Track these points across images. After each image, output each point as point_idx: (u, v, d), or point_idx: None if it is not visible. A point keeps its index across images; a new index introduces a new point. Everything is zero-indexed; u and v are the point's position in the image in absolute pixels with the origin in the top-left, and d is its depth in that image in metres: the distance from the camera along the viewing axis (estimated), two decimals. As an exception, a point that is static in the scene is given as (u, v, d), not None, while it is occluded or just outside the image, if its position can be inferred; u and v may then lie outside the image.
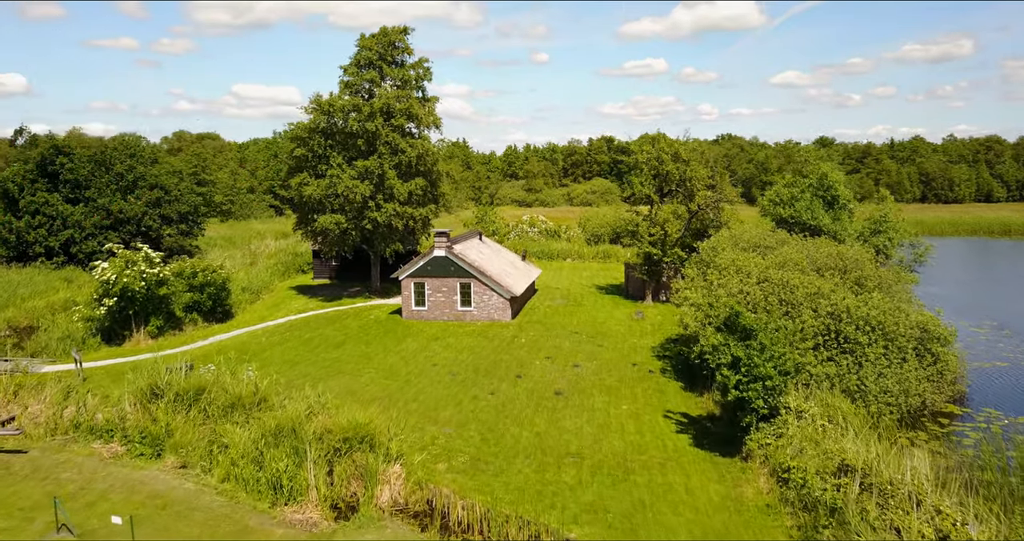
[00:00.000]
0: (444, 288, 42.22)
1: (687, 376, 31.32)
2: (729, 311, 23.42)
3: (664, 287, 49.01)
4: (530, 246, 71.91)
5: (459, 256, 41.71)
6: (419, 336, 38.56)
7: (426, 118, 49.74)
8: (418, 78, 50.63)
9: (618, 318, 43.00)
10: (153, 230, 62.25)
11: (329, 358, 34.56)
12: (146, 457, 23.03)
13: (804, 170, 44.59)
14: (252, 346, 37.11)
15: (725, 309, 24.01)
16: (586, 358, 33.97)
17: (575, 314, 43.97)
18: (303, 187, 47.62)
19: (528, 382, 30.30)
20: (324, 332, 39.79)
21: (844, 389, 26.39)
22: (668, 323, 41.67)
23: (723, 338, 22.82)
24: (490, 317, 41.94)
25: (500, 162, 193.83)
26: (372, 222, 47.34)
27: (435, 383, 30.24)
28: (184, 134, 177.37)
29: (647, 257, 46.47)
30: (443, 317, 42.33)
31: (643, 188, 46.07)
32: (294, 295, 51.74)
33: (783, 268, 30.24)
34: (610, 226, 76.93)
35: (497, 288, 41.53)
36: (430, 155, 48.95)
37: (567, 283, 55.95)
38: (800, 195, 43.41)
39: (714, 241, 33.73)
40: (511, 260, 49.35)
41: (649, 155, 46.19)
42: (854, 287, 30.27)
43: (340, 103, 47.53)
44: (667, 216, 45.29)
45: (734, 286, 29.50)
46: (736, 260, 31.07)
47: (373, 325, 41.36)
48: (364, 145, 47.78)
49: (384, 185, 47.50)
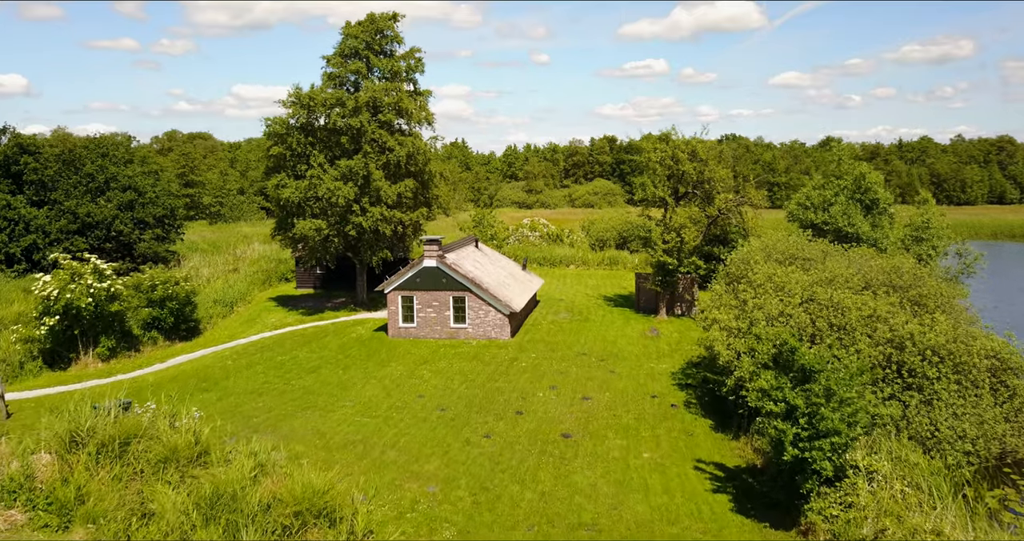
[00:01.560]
0: (435, 303, 37.64)
1: (716, 410, 26.74)
2: (780, 344, 18.81)
3: (679, 299, 44.45)
4: (531, 252, 67.33)
5: (452, 266, 37.14)
6: (405, 359, 33.95)
7: (417, 113, 45.21)
8: (409, 70, 46.11)
9: (630, 336, 38.40)
10: (125, 235, 57.65)
11: (300, 387, 29.96)
12: (51, 529, 18.42)
13: (838, 170, 40.17)
14: (215, 371, 32.51)
15: (769, 343, 19.39)
16: (597, 388, 29.37)
17: (582, 331, 39.38)
18: (280, 189, 43.05)
19: (530, 420, 25.69)
20: (299, 354, 35.18)
21: (913, 434, 21.83)
22: (686, 341, 37.10)
23: (774, 379, 18.22)
24: (487, 335, 37.35)
25: (500, 163, 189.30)
26: (356, 228, 42.78)
27: (420, 422, 25.63)
28: (175, 134, 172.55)
29: (661, 266, 41.91)
30: (434, 335, 37.73)
31: (657, 190, 41.52)
32: (273, 307, 47.15)
33: (831, 285, 25.67)
34: (616, 230, 72.35)
35: (494, 303, 36.95)
36: (421, 154, 44.40)
37: (571, 293, 51.37)
38: (834, 198, 38.86)
39: (745, 252, 29.19)
40: (510, 270, 44.77)
41: (663, 154, 41.63)
42: (913, 307, 25.69)
43: (322, 96, 42.97)
44: (683, 221, 40.74)
45: (773, 307, 24.93)
46: (774, 275, 26.51)
47: (355, 345, 36.75)
48: (348, 143, 43.24)
49: (370, 187, 42.94)
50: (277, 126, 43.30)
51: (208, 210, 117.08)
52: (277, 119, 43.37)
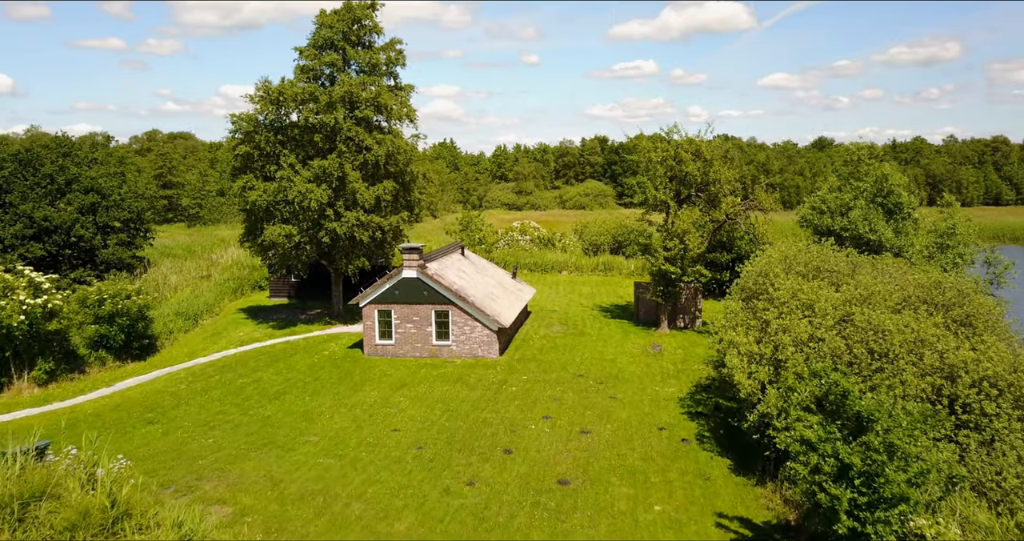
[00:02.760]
0: (415, 317, 34.08)
1: (734, 446, 23.35)
2: (827, 382, 15.40)
3: (682, 311, 41.08)
4: (521, 257, 63.84)
5: (434, 277, 33.60)
6: (381, 382, 30.38)
7: (398, 110, 41.62)
8: (389, 62, 42.53)
9: (630, 352, 34.98)
10: (86, 240, 53.75)
11: (259, 418, 26.34)
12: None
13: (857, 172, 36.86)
14: (165, 397, 28.84)
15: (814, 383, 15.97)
16: (597, 418, 25.90)
17: (577, 347, 35.92)
18: (247, 192, 39.38)
19: (521, 461, 22.19)
20: (263, 376, 31.54)
21: (975, 483, 18.48)
22: (692, 359, 33.75)
23: (821, 430, 14.80)
24: (472, 353, 33.84)
25: (489, 163, 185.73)
26: (330, 234, 39.17)
27: (393, 463, 22.08)
28: (155, 133, 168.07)
29: (662, 276, 38.52)
30: (414, 353, 34.18)
31: (658, 192, 38.11)
32: (241, 319, 43.45)
33: (867, 304, 22.31)
34: (610, 234, 68.96)
35: (481, 317, 33.44)
36: (402, 153, 40.81)
37: (565, 303, 47.91)
38: (853, 202, 35.54)
39: (763, 263, 25.80)
40: (499, 279, 41.26)
41: (665, 153, 38.23)
42: (959, 329, 22.38)
43: (292, 91, 39.31)
44: (687, 227, 37.34)
45: (802, 329, 21.54)
46: (800, 292, 23.12)
47: (326, 365, 33.15)
48: (322, 142, 39.61)
49: (346, 189, 39.34)
50: (244, 123, 39.64)
51: (187, 212, 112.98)
52: (244, 115, 39.70)
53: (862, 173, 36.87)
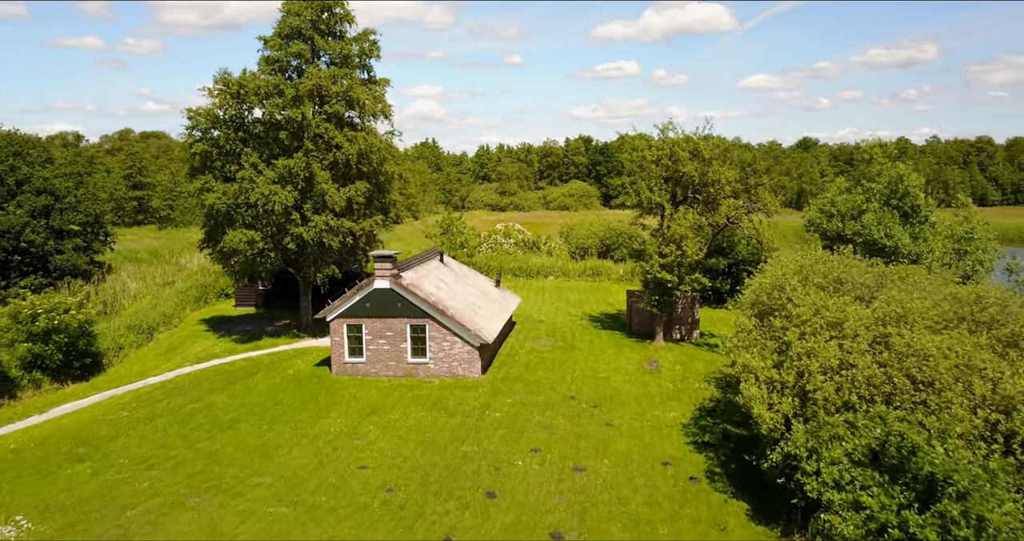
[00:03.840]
0: (389, 332, 30.89)
1: (749, 484, 20.41)
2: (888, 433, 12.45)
3: (678, 321, 38.19)
4: (505, 261, 60.78)
5: (409, 288, 30.42)
6: (350, 407, 27.16)
7: (372, 105, 38.40)
8: (362, 54, 39.29)
9: (625, 369, 32.01)
10: (37, 246, 50.02)
11: (207, 453, 23.05)
12: None
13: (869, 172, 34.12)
14: (103, 427, 25.46)
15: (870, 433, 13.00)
16: (592, 450, 22.87)
17: (567, 363, 32.90)
18: (205, 194, 36.02)
19: (506, 507, 19.10)
20: (217, 400, 28.22)
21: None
22: (692, 376, 30.85)
23: (883, 495, 11.85)
24: (452, 372, 30.72)
25: (472, 163, 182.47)
26: (297, 240, 35.90)
27: (358, 511, 18.92)
28: (128, 133, 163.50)
29: (657, 284, 35.61)
30: (387, 372, 31.00)
31: (653, 195, 35.18)
32: (202, 332, 40.04)
33: (904, 323, 19.46)
34: (598, 237, 66.08)
35: (462, 332, 30.32)
36: (376, 152, 37.58)
37: (552, 312, 44.90)
38: (865, 205, 32.80)
39: (779, 274, 22.89)
40: (482, 287, 38.15)
41: (660, 152, 35.31)
42: (1008, 351, 19.59)
43: (254, 84, 35.97)
44: (684, 231, 34.46)
45: (831, 354, 18.63)
46: (824, 308, 20.22)
47: (289, 386, 29.87)
48: (288, 139, 36.32)
49: (313, 191, 36.09)
50: (201, 118, 36.24)
51: (157, 214, 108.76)
52: (202, 110, 36.29)
53: (874, 173, 34.14)
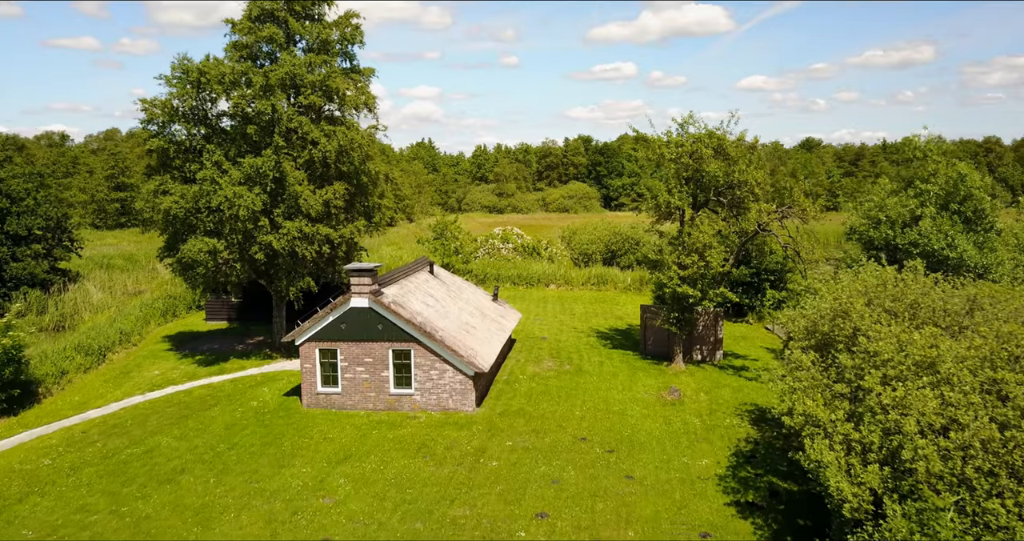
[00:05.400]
0: (368, 359, 26.47)
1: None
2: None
3: (699, 340, 33.85)
4: (504, 269, 56.41)
5: (392, 307, 26.00)
6: (318, 453, 22.73)
7: (354, 96, 34.04)
8: (343, 40, 34.89)
9: (643, 400, 27.62)
10: (-11, 253, 45.63)
11: (135, 519, 18.60)
12: None
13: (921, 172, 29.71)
14: (15, 480, 20.99)
15: None
16: (612, 515, 18.47)
17: (575, 392, 28.50)
18: (160, 197, 31.62)
19: (506, 606, 14.70)
20: (162, 442, 23.77)
21: None
22: (720, 408, 26.49)
23: None
24: (441, 405, 26.31)
25: (469, 164, 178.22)
26: (266, 249, 31.50)
27: (311, 614, 14.50)
28: (115, 132, 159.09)
29: (677, 300, 31.29)
30: (366, 404, 26.57)
31: (672, 198, 30.84)
32: (163, 352, 35.63)
33: (1019, 365, 15.10)
34: (602, 242, 61.71)
35: (453, 358, 25.92)
36: (357, 149, 33.20)
37: (555, 327, 40.52)
38: (920, 209, 28.42)
39: (844, 298, 18.50)
40: (476, 303, 33.75)
41: (680, 150, 30.94)
42: None
43: (217, 71, 31.56)
44: (708, 239, 30.12)
45: (930, 408, 14.25)
46: (910, 344, 15.84)
47: (250, 423, 25.43)
48: (257, 135, 31.90)
49: (285, 193, 31.71)
50: (157, 110, 31.81)
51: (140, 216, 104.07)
52: (157, 101, 31.88)
53: (927, 173, 29.75)
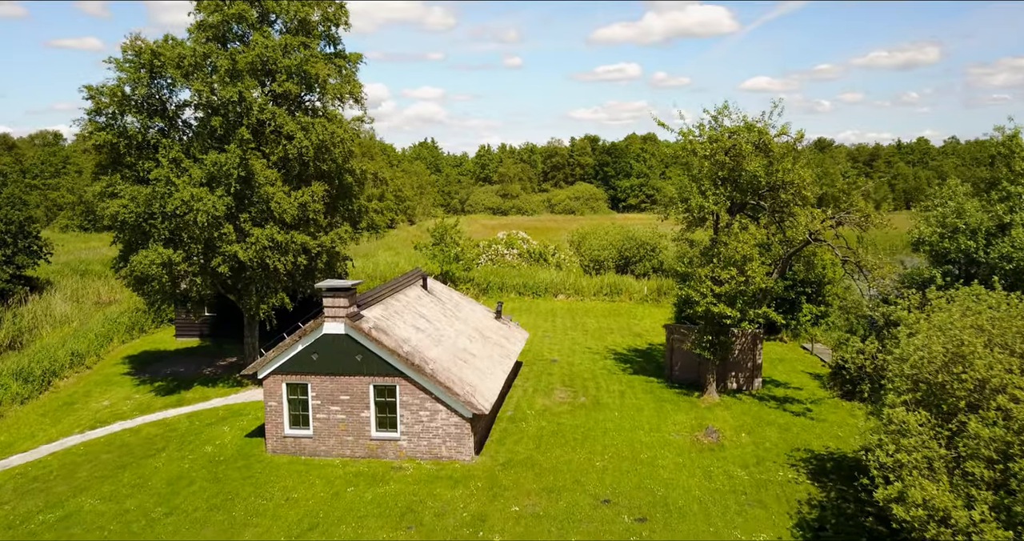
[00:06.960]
0: (344, 396, 21.92)
1: None
2: None
3: (734, 366, 29.25)
4: (508, 277, 51.89)
5: (372, 334, 21.43)
6: (277, 521, 18.16)
7: (338, 85, 29.58)
8: (325, 19, 30.43)
9: (675, 444, 23.01)
10: (-61, 261, 41.30)
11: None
12: None
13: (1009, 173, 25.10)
14: None
15: None
16: (652, 628, 13.87)
17: (594, 433, 23.90)
18: (107, 200, 27.17)
19: None
20: (86, 504, 19.22)
21: None
22: (768, 453, 21.89)
23: None
24: (433, 453, 21.74)
25: (472, 164, 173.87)
26: (230, 261, 26.99)
27: None
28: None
29: (710, 320, 26.75)
30: (343, 450, 22.03)
31: (707, 201, 26.26)
32: (119, 375, 31.21)
33: None
34: (615, 247, 57.11)
35: (446, 397, 21.35)
36: (339, 144, 28.67)
37: (567, 346, 35.96)
38: (1008, 216, 23.81)
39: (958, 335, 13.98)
40: (477, 323, 29.17)
41: (716, 146, 26.31)
42: None
43: (174, 53, 27.07)
44: (748, 250, 25.54)
45: None
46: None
47: (199, 476, 20.87)
48: (222, 127, 27.37)
49: (254, 195, 27.22)
50: (104, 98, 27.31)
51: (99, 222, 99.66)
52: (105, 88, 27.38)
53: (1015, 175, 25.11)
